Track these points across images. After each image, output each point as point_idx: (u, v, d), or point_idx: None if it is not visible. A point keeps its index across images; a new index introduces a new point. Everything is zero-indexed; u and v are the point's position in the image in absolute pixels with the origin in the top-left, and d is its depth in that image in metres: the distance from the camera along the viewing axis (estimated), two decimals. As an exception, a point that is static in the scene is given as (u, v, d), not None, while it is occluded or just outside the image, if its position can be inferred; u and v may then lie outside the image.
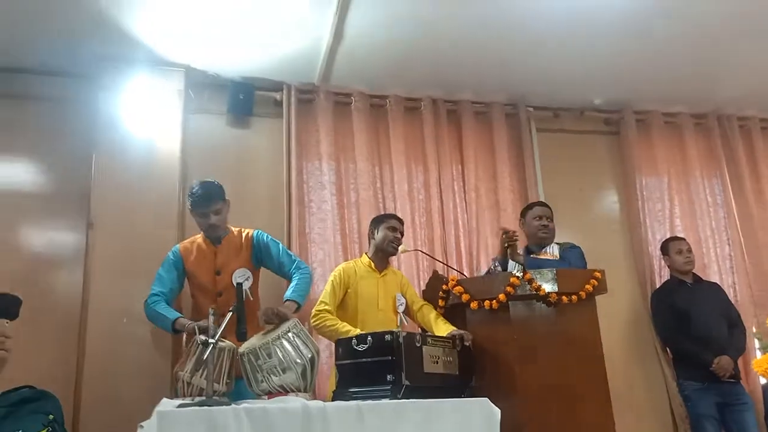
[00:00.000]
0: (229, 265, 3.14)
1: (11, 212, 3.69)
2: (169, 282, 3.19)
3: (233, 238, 3.27)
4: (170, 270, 3.22)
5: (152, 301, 3.11)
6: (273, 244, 3.29)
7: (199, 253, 3.25)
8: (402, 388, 2.53)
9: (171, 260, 3.24)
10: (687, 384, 3.98)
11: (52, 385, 3.11)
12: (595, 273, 3.19)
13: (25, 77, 3.85)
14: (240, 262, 3.16)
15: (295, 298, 3.05)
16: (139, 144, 3.75)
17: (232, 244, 3.25)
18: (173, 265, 3.23)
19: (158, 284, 3.17)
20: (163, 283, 3.18)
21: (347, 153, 4.25)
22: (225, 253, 3.22)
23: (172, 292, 3.20)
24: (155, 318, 3.10)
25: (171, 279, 3.20)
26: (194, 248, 3.27)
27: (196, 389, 2.58)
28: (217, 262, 3.20)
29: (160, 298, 3.11)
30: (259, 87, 4.19)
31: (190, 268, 3.23)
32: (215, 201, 3.18)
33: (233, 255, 3.22)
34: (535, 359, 2.99)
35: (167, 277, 3.20)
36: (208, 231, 3.22)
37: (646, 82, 4.47)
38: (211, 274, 3.19)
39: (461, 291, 3.16)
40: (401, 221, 3.57)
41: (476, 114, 4.56)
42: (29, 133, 3.82)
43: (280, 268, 3.27)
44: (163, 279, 3.19)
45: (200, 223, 3.23)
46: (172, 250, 3.29)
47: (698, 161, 4.82)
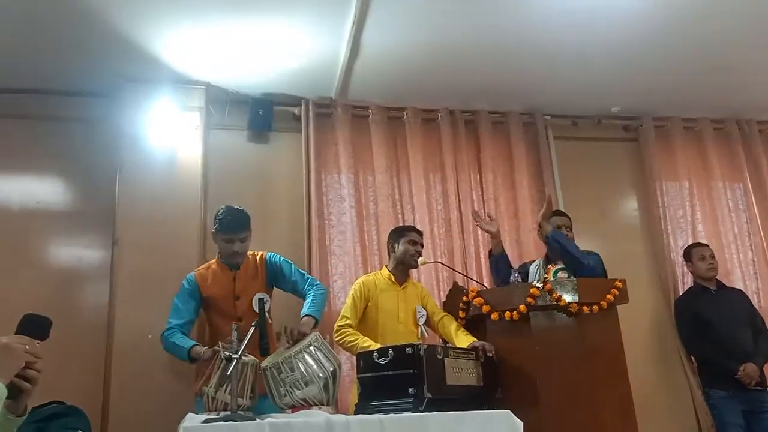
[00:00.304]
0: (247, 290, 3.16)
1: (39, 230, 3.80)
2: (186, 313, 3.15)
3: (249, 263, 3.25)
4: (186, 300, 3.17)
5: (169, 334, 3.09)
6: (285, 265, 3.27)
7: (215, 279, 3.21)
8: (424, 401, 2.54)
9: (187, 289, 3.19)
10: (713, 392, 3.94)
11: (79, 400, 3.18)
12: (616, 282, 3.17)
13: (51, 99, 3.95)
14: (257, 286, 3.18)
15: (312, 314, 3.02)
16: (161, 161, 3.83)
17: (249, 269, 3.24)
18: (189, 295, 3.18)
19: (175, 316, 3.14)
20: (180, 314, 3.14)
21: (366, 165, 4.28)
22: (243, 278, 3.21)
23: (188, 323, 3.17)
24: (172, 349, 3.08)
25: (188, 310, 3.16)
26: (210, 274, 3.23)
27: (220, 404, 2.61)
28: (237, 287, 3.18)
29: (176, 330, 3.08)
30: (278, 102, 4.25)
31: (207, 295, 3.20)
32: (243, 229, 3.16)
33: (251, 280, 3.22)
34: (557, 370, 2.98)
35: (184, 308, 3.16)
36: (230, 258, 3.18)
37: (665, 89, 4.44)
38: (231, 300, 3.17)
39: (481, 302, 3.16)
40: (420, 233, 3.58)
41: (493, 124, 4.57)
42: (55, 153, 3.93)
43: (294, 287, 3.25)
44: (180, 310, 3.15)
45: (224, 248, 3.18)
46: (187, 279, 3.23)
47: (719, 166, 4.78)
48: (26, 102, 3.93)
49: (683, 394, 4.22)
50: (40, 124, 3.94)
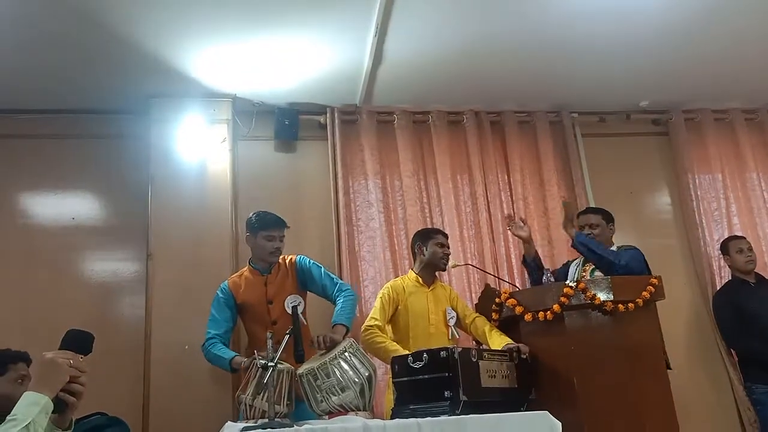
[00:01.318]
0: (280, 293, 3.18)
1: (75, 247, 3.88)
2: (224, 322, 3.20)
3: (280, 267, 3.30)
4: (222, 309, 3.22)
5: (209, 344, 3.14)
6: (315, 268, 3.30)
7: (248, 285, 3.26)
8: (460, 404, 2.53)
9: (222, 298, 3.25)
10: (756, 387, 3.84)
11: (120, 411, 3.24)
12: (652, 279, 3.13)
13: (82, 117, 4.05)
14: (289, 288, 3.19)
15: (344, 322, 3.04)
16: (191, 174, 3.90)
17: (280, 272, 3.28)
18: (225, 304, 3.23)
19: (213, 326, 3.19)
20: (218, 324, 3.19)
21: (392, 170, 4.29)
22: (275, 282, 3.25)
23: (227, 332, 3.22)
24: (214, 360, 3.13)
25: (225, 318, 3.21)
26: (242, 281, 3.29)
27: (258, 412, 2.63)
28: (268, 291, 3.22)
29: (216, 340, 3.13)
30: (304, 111, 4.29)
31: (241, 302, 3.25)
32: (283, 226, 3.27)
33: (282, 283, 3.25)
34: (594, 370, 2.95)
35: (221, 317, 3.21)
36: (269, 257, 3.24)
37: (694, 80, 4.37)
38: (264, 304, 3.21)
39: (514, 303, 3.14)
40: (446, 235, 3.57)
41: (520, 123, 4.55)
42: (89, 170, 4.03)
43: (323, 290, 3.27)
44: (217, 320, 3.20)
45: (264, 246, 3.22)
46: (220, 288, 3.28)
47: (752, 157, 4.67)
48: (59, 121, 4.04)
49: (724, 390, 4.13)
50: (73, 143, 4.05)
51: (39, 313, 3.61)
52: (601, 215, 3.65)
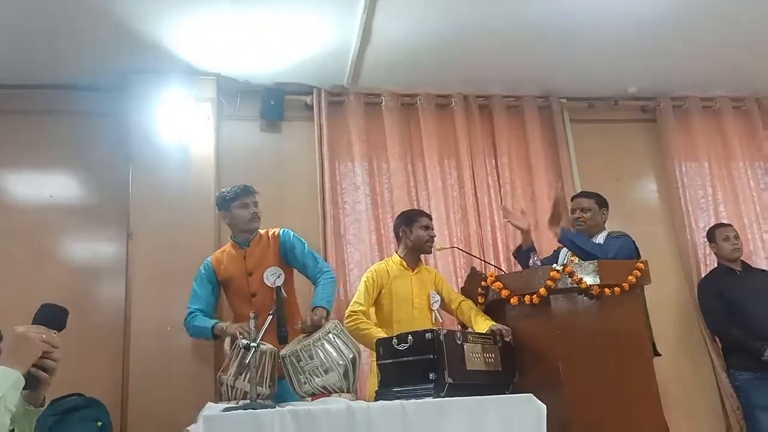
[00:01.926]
0: (260, 265, 3.12)
1: (54, 226, 3.79)
2: (205, 297, 3.20)
3: (261, 239, 3.26)
4: (204, 285, 3.22)
5: (191, 318, 3.13)
6: (298, 244, 3.24)
7: (229, 259, 3.24)
8: (445, 386, 2.50)
9: (203, 274, 3.24)
10: (738, 374, 3.87)
11: (99, 393, 3.20)
12: (638, 264, 3.11)
13: (61, 93, 3.94)
14: (270, 261, 3.13)
15: (323, 305, 2.98)
16: (174, 153, 3.81)
17: (260, 244, 3.24)
18: (207, 279, 3.23)
19: (194, 301, 3.18)
20: (199, 299, 3.18)
21: (379, 153, 4.24)
22: (254, 254, 3.21)
23: (208, 306, 3.20)
24: (196, 332, 3.12)
25: (206, 294, 3.20)
26: (225, 257, 3.27)
27: (240, 393, 2.59)
28: (248, 263, 3.19)
29: (196, 313, 3.13)
30: (290, 91, 4.22)
31: (223, 276, 3.23)
32: (255, 194, 3.24)
33: (263, 255, 3.21)
34: (579, 354, 2.93)
35: (202, 292, 3.20)
36: (250, 222, 3.20)
37: (683, 68, 4.36)
38: (244, 277, 3.18)
39: (500, 286, 3.11)
40: (430, 216, 3.52)
41: (508, 108, 4.51)
42: (68, 148, 3.92)
43: (303, 269, 3.22)
44: (198, 295, 3.20)
45: (241, 215, 3.19)
46: (204, 264, 3.27)
47: (739, 145, 4.68)
48: (37, 97, 3.92)
49: (707, 377, 4.16)
50: (51, 119, 3.94)
51: (15, 293, 3.50)
52: (594, 200, 3.62)
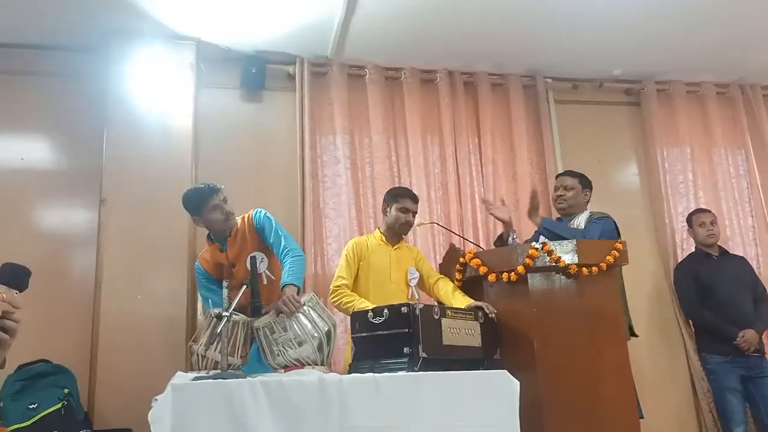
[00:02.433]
0: (241, 254, 3.06)
1: (23, 190, 3.68)
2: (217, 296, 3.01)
3: (238, 228, 3.12)
4: (207, 288, 3.15)
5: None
6: (267, 223, 3.09)
7: (213, 257, 3.14)
8: (419, 361, 2.48)
9: (202, 279, 3.16)
10: (711, 357, 3.91)
11: (67, 361, 3.13)
12: (617, 244, 3.09)
13: (34, 53, 3.82)
14: (249, 247, 3.06)
15: (293, 281, 2.86)
16: (150, 118, 3.71)
17: (237, 234, 3.12)
18: (207, 282, 3.15)
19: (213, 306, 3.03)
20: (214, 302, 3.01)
21: (362, 126, 4.19)
22: (234, 245, 3.10)
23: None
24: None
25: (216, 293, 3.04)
26: (209, 255, 3.16)
27: (211, 362, 2.55)
28: (229, 255, 3.09)
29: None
30: (272, 60, 4.13)
31: (215, 274, 3.14)
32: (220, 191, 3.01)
33: (242, 244, 3.11)
34: (554, 332, 2.93)
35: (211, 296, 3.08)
36: (224, 223, 3.03)
37: (668, 52, 4.35)
38: (228, 270, 3.09)
39: (479, 263, 3.09)
40: (415, 199, 3.41)
41: (493, 86, 4.47)
42: (39, 110, 3.80)
43: (272, 248, 3.10)
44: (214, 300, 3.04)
45: (213, 219, 3.00)
46: (196, 269, 3.20)
47: (721, 132, 4.71)
48: (8, 57, 3.79)
49: (679, 359, 4.22)
50: (23, 80, 3.81)
51: (-18, 257, 3.42)
52: (578, 179, 3.58)
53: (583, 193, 3.57)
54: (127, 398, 3.12)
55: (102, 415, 3.24)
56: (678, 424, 4.13)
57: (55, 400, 2.82)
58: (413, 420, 2.28)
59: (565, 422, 2.80)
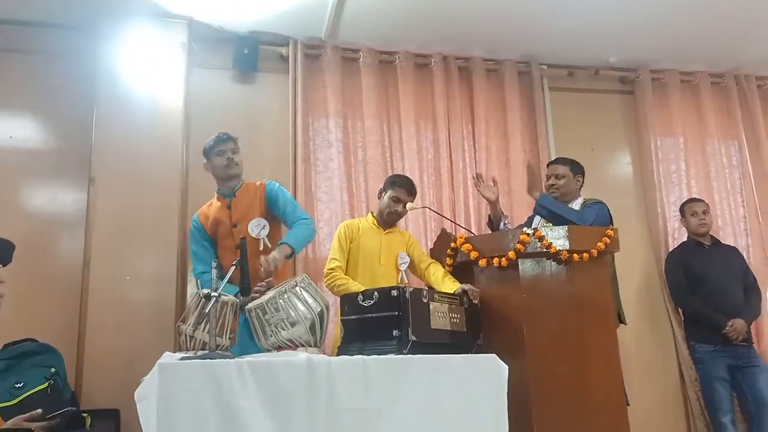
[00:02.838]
0: (245, 216, 3.08)
1: (11, 169, 3.62)
2: (205, 254, 3.13)
3: (247, 189, 3.19)
4: (199, 242, 3.17)
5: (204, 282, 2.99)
6: (281, 194, 3.20)
7: (215, 212, 3.17)
8: (408, 344, 2.48)
9: (195, 232, 3.18)
10: (699, 346, 3.93)
11: (55, 341, 3.11)
12: (608, 231, 3.09)
13: (20, 30, 3.75)
14: (255, 212, 3.09)
15: (289, 242, 2.93)
16: (140, 98, 3.67)
17: (246, 195, 3.17)
18: (200, 236, 3.17)
19: (197, 261, 3.15)
20: (201, 259, 3.13)
21: (355, 110, 4.15)
22: (239, 205, 3.15)
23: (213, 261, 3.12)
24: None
25: (204, 250, 3.15)
26: (211, 211, 3.19)
27: (199, 343, 2.53)
28: (233, 214, 3.13)
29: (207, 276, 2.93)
30: (265, 41, 4.08)
31: (210, 230, 3.16)
32: (232, 141, 3.17)
33: (248, 206, 3.14)
34: (544, 318, 2.93)
35: (201, 252, 3.15)
36: (226, 169, 3.13)
37: (664, 40, 4.33)
38: (229, 229, 3.12)
39: (470, 248, 3.08)
40: (411, 192, 3.34)
41: (488, 71, 4.44)
42: (27, 88, 3.74)
43: (284, 216, 3.18)
44: (199, 256, 3.15)
45: (218, 163, 3.13)
46: (192, 221, 3.21)
47: (714, 122, 4.70)
48: (-2, 33, 3.73)
49: (668, 347, 4.23)
50: (11, 57, 3.74)
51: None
52: (569, 166, 3.58)
53: (575, 180, 3.57)
54: (115, 378, 3.12)
55: (89, 395, 3.22)
56: (665, 412, 4.16)
57: (41, 379, 2.80)
58: (401, 402, 2.27)
59: (553, 407, 2.81)
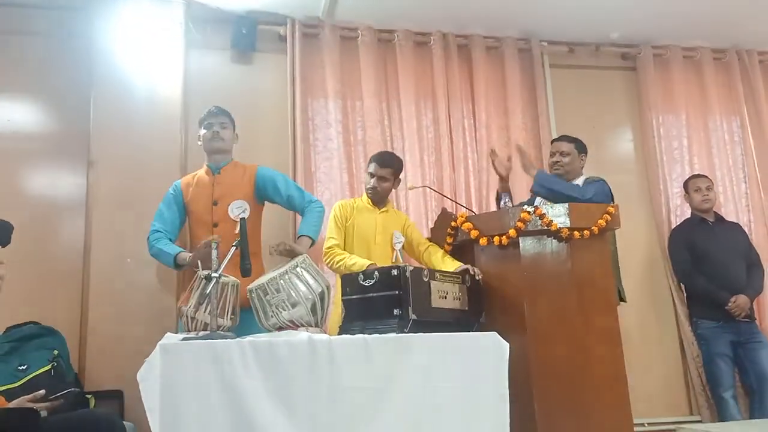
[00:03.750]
0: (227, 196, 3.07)
1: (10, 152, 3.60)
2: (170, 217, 3.15)
3: (235, 170, 3.19)
4: (170, 205, 3.18)
5: (154, 239, 3.08)
6: (279, 178, 3.21)
7: (198, 184, 3.19)
8: (409, 323, 2.48)
9: (171, 195, 3.19)
10: (701, 322, 3.93)
11: (57, 324, 3.12)
12: (609, 208, 3.08)
13: (17, 12, 3.71)
14: (240, 195, 3.07)
15: (310, 234, 3.03)
16: (138, 79, 3.65)
17: (232, 175, 3.18)
18: (173, 200, 3.18)
19: (159, 220, 3.14)
20: (164, 219, 3.14)
21: (354, 90, 4.12)
22: (224, 183, 3.15)
23: (173, 227, 3.17)
24: (157, 255, 3.08)
25: (171, 214, 3.16)
26: (195, 181, 3.21)
27: (200, 324, 2.54)
28: (215, 192, 3.13)
29: (161, 234, 3.08)
30: (263, 21, 4.04)
31: (188, 200, 3.18)
32: (223, 115, 3.20)
33: (233, 186, 3.14)
34: (544, 296, 2.93)
35: (167, 212, 3.16)
36: (210, 141, 3.16)
37: (665, 16, 4.27)
38: (208, 205, 3.12)
39: (470, 227, 3.07)
40: (383, 163, 3.29)
41: (488, 49, 4.40)
42: (24, 70, 3.70)
43: (289, 201, 3.19)
44: (164, 215, 3.15)
45: (203, 135, 3.19)
46: (173, 185, 3.23)
47: (717, 98, 4.65)
48: (-7, 15, 3.70)
49: (670, 325, 4.23)
50: (7, 40, 3.70)
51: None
52: (573, 144, 3.57)
53: (579, 158, 3.57)
54: (118, 360, 3.14)
55: (93, 377, 3.25)
56: (666, 387, 4.17)
57: (44, 361, 2.82)
58: (403, 381, 2.29)
59: (554, 385, 2.81)
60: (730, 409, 3.73)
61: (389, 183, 3.33)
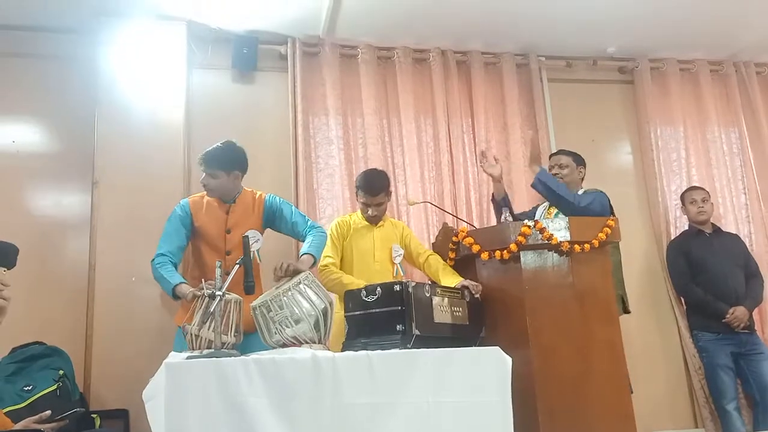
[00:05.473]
0: (240, 224, 3.08)
1: (15, 173, 3.65)
2: (177, 240, 3.05)
3: (246, 199, 3.18)
4: (178, 229, 3.07)
5: (158, 263, 2.97)
6: (286, 206, 3.20)
7: (210, 210, 3.14)
8: (412, 338, 2.50)
9: (179, 215, 3.10)
10: (702, 335, 3.94)
11: (62, 343, 3.13)
12: (609, 221, 3.11)
13: (22, 35, 3.78)
14: (251, 223, 3.09)
15: (312, 252, 2.98)
16: (142, 100, 3.69)
17: (244, 204, 3.16)
18: (180, 223, 3.08)
19: (166, 243, 3.03)
20: (171, 241, 3.03)
21: (354, 107, 4.17)
22: (237, 212, 3.14)
23: (180, 250, 3.08)
24: (159, 280, 2.97)
25: (179, 236, 3.06)
26: (204, 203, 3.15)
27: (204, 342, 2.55)
28: (229, 219, 3.11)
29: (166, 258, 2.97)
30: (263, 40, 4.10)
31: (199, 224, 3.12)
32: (207, 165, 3.06)
33: (245, 215, 3.14)
34: (547, 309, 2.94)
35: (175, 234, 3.05)
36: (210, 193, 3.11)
37: (662, 29, 4.32)
38: (221, 233, 3.10)
39: (471, 242, 3.10)
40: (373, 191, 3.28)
41: (486, 65, 4.45)
42: (29, 92, 3.76)
43: (293, 228, 3.16)
44: (171, 237, 3.04)
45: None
46: (180, 204, 3.13)
47: (714, 109, 4.70)
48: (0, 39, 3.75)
49: (672, 337, 4.24)
50: (14, 62, 3.77)
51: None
52: (572, 157, 3.64)
53: (578, 170, 3.62)
54: (123, 379, 3.15)
55: (98, 396, 3.26)
56: (670, 399, 4.17)
57: (50, 381, 2.83)
58: (407, 396, 2.29)
59: (557, 398, 2.82)
60: (733, 421, 3.73)
61: (385, 204, 3.36)
